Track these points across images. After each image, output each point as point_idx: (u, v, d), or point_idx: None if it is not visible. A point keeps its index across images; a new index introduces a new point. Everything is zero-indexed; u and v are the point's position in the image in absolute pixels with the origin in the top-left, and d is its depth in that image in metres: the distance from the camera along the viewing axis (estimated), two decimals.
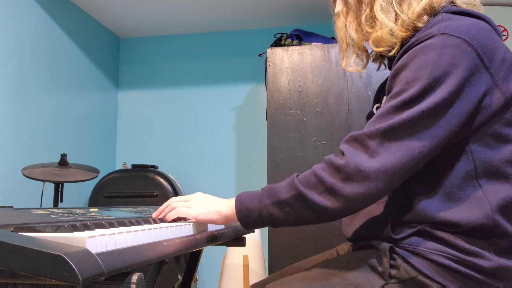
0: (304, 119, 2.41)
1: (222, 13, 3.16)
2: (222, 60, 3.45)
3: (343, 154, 0.86)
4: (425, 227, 0.87)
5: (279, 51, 2.51)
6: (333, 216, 0.86)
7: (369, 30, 0.98)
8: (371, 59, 1.14)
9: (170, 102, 3.46)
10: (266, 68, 2.55)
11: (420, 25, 0.92)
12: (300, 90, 2.45)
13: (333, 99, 2.41)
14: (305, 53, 2.49)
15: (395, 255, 0.88)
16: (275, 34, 2.94)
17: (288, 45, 2.66)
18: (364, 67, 1.13)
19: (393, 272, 0.87)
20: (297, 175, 0.90)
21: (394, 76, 0.89)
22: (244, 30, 3.44)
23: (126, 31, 3.48)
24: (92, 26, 3.24)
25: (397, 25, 0.93)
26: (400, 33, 0.93)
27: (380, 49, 0.96)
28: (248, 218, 0.92)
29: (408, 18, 0.92)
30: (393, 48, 0.94)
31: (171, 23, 3.33)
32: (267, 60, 2.52)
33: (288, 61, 2.49)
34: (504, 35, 2.81)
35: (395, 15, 0.94)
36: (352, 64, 1.09)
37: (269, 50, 2.53)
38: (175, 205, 1.01)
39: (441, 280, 0.84)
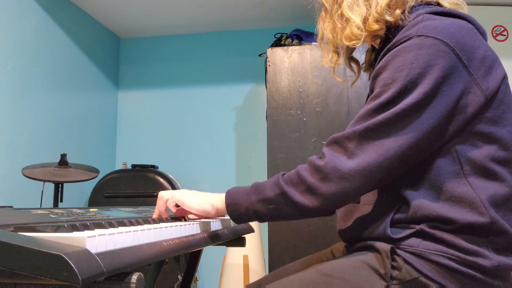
0: (304, 119, 2.41)
1: (222, 13, 3.17)
2: (222, 60, 3.45)
3: (324, 155, 0.90)
4: (423, 228, 0.87)
5: (279, 51, 2.51)
6: (314, 213, 0.91)
7: (340, 27, 1.02)
8: (363, 69, 1.17)
9: (170, 102, 3.46)
10: (266, 68, 2.55)
11: (389, 18, 0.95)
12: (300, 90, 2.45)
13: (333, 99, 2.41)
14: (305, 53, 2.49)
15: (396, 256, 0.88)
16: (275, 34, 2.94)
17: (288, 45, 2.66)
18: (355, 80, 1.18)
19: (395, 273, 0.87)
20: (283, 174, 0.95)
21: (375, 78, 0.92)
22: (244, 30, 3.44)
23: (126, 31, 3.48)
24: (92, 26, 3.24)
25: (368, 19, 0.97)
26: (371, 27, 0.96)
27: (351, 43, 1.00)
28: (236, 212, 0.97)
29: (376, 12, 0.95)
30: (361, 41, 0.98)
31: (171, 23, 3.33)
32: (267, 60, 2.52)
33: (288, 61, 2.49)
34: (504, 35, 2.81)
35: (366, 11, 0.98)
36: (329, 62, 1.12)
37: (269, 50, 2.53)
38: (168, 196, 1.05)
39: (442, 281, 0.84)
